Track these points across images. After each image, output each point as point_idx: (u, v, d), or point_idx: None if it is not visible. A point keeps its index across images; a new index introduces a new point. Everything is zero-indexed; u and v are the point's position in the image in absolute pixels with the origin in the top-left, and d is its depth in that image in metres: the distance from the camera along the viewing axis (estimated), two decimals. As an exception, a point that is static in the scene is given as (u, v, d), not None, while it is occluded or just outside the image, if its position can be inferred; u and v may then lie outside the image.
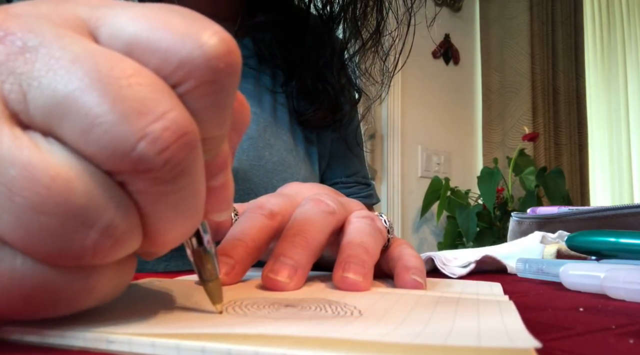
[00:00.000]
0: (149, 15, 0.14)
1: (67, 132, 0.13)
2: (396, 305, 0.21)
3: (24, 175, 0.12)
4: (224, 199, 0.17)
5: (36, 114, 0.13)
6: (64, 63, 0.13)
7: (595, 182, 2.89)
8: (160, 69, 0.13)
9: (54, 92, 0.12)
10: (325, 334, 0.14)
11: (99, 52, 0.13)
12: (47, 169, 0.12)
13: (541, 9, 2.58)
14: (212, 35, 0.14)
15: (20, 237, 0.13)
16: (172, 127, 0.13)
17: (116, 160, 0.12)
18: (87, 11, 0.15)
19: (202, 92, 0.14)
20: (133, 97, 0.12)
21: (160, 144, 0.12)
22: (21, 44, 0.13)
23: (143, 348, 0.14)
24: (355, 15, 0.56)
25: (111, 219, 0.13)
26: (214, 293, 0.18)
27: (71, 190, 0.12)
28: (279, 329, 0.15)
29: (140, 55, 0.14)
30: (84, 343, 0.15)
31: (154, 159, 0.12)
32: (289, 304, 0.21)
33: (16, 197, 0.12)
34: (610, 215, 0.54)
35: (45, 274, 0.13)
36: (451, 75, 2.54)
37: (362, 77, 0.59)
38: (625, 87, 2.96)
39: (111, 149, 0.12)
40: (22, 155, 0.12)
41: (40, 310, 0.14)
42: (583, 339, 0.17)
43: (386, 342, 0.13)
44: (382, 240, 0.32)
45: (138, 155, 0.12)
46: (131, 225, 0.14)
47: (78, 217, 0.13)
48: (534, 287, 0.34)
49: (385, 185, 2.24)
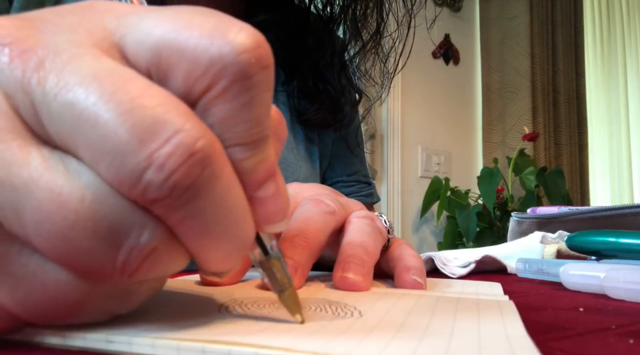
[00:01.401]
0: (174, 18, 0.14)
1: (82, 156, 0.13)
2: (396, 306, 0.21)
3: (52, 199, 0.12)
4: (278, 209, 0.15)
5: (52, 136, 0.13)
6: (70, 87, 0.12)
7: (595, 182, 2.89)
8: (191, 72, 0.13)
9: (63, 118, 0.12)
10: (325, 345, 0.14)
11: (108, 73, 0.13)
12: (74, 192, 0.12)
13: (541, 9, 2.58)
14: (239, 31, 0.13)
15: (55, 256, 0.13)
16: (178, 150, 0.12)
17: (126, 189, 0.12)
18: (112, 21, 0.14)
19: (236, 91, 0.13)
20: (137, 123, 0.12)
21: (165, 171, 0.12)
22: (37, 62, 0.13)
23: (143, 348, 0.14)
24: (356, 16, 0.56)
25: (138, 240, 0.13)
26: (290, 303, 0.17)
27: (98, 213, 0.12)
28: (279, 336, 0.15)
29: (168, 58, 0.13)
30: (84, 343, 0.15)
31: (160, 188, 0.12)
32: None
33: (45, 221, 0.12)
34: (610, 215, 0.54)
35: (86, 286, 0.14)
36: (451, 75, 2.54)
37: (362, 78, 0.59)
38: (625, 87, 2.96)
39: (120, 179, 0.12)
40: (50, 177, 0.12)
41: (77, 318, 0.15)
42: (583, 339, 0.17)
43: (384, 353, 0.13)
44: (382, 240, 0.32)
45: (144, 186, 0.12)
46: (162, 244, 0.13)
47: (106, 238, 0.13)
48: (534, 287, 0.34)
49: (385, 185, 2.24)
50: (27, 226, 0.12)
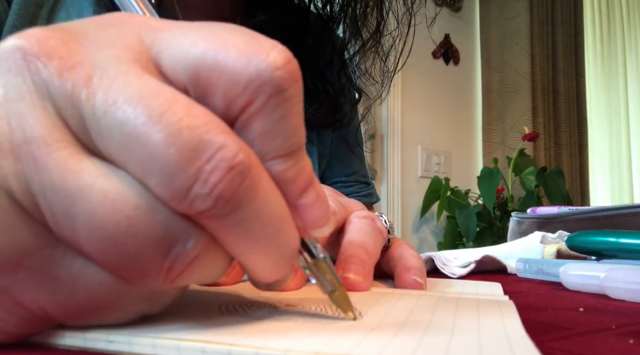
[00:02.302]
0: (209, 37, 0.14)
1: (131, 172, 0.13)
2: (396, 306, 0.21)
3: (106, 205, 0.13)
4: (322, 214, 0.16)
5: (101, 150, 0.13)
6: (119, 105, 0.13)
7: (595, 182, 2.89)
8: (230, 90, 0.14)
9: (112, 133, 0.13)
10: (325, 345, 0.14)
11: (153, 93, 0.13)
12: (129, 199, 0.13)
13: (541, 9, 2.58)
14: (271, 49, 0.14)
15: (104, 260, 0.13)
16: (220, 164, 0.13)
17: (175, 204, 0.13)
18: (149, 36, 0.15)
19: (273, 105, 0.14)
20: (184, 143, 0.13)
21: (209, 184, 0.13)
22: (85, 77, 0.13)
23: (143, 348, 0.14)
24: (355, 15, 0.55)
25: (184, 247, 0.13)
26: (341, 302, 0.18)
27: (150, 221, 0.13)
28: (279, 337, 0.15)
29: (208, 77, 0.14)
30: (84, 343, 0.15)
31: (205, 200, 0.13)
32: (289, 304, 0.20)
33: (97, 228, 0.13)
34: (610, 215, 0.54)
35: (125, 288, 0.14)
36: (451, 75, 2.54)
37: (362, 77, 0.59)
38: (625, 87, 2.96)
39: (169, 195, 0.13)
40: (104, 184, 0.13)
41: (110, 319, 0.15)
42: (583, 339, 0.17)
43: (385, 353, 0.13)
44: (382, 240, 0.32)
45: (192, 199, 0.13)
46: (205, 251, 0.14)
47: (154, 245, 0.13)
48: (534, 287, 0.34)
49: (385, 185, 2.24)
50: (79, 231, 0.13)
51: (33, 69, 0.13)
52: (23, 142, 0.13)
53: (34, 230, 0.13)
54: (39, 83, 0.13)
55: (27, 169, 0.13)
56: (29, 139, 0.13)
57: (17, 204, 0.13)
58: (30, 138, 0.13)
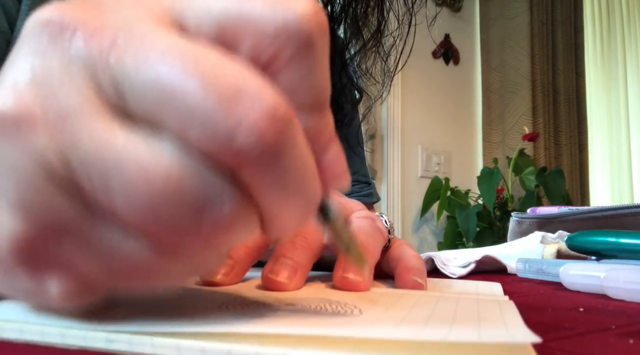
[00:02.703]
0: None
1: (169, 128, 0.13)
2: (396, 305, 0.21)
3: (140, 174, 0.13)
4: (342, 169, 0.16)
5: (136, 110, 0.13)
6: (151, 62, 0.13)
7: (595, 182, 2.89)
8: (258, 43, 0.14)
9: (147, 90, 0.13)
10: (326, 332, 0.14)
11: (185, 47, 0.13)
12: (161, 167, 0.13)
13: (541, 9, 2.58)
14: None
15: (142, 228, 0.13)
16: (265, 111, 0.13)
17: (219, 153, 0.13)
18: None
19: (301, 57, 0.14)
20: (223, 89, 0.12)
21: (256, 131, 0.12)
22: (111, 40, 0.13)
23: (143, 347, 0.14)
24: (356, 15, 0.55)
25: (221, 209, 0.13)
26: (356, 257, 0.19)
27: (184, 186, 0.13)
28: (279, 327, 0.15)
29: (233, 31, 0.14)
30: (84, 342, 0.15)
31: (253, 148, 0.13)
32: (289, 304, 0.21)
33: (134, 197, 0.13)
34: (610, 215, 0.54)
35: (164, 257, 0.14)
36: (451, 75, 2.54)
37: (363, 77, 0.59)
38: (625, 87, 2.96)
39: (213, 143, 0.13)
40: (138, 153, 0.13)
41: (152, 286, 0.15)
42: (583, 339, 0.17)
43: (387, 339, 0.13)
44: (382, 240, 0.32)
45: (238, 147, 0.13)
46: (242, 213, 0.14)
47: (191, 210, 0.13)
48: (534, 287, 0.34)
49: (385, 185, 2.24)
50: (116, 200, 0.13)
51: (59, 46, 0.13)
52: (57, 119, 0.13)
53: (73, 203, 0.14)
54: (66, 58, 0.13)
55: (63, 145, 0.13)
56: (62, 115, 0.13)
57: (56, 178, 0.13)
58: (64, 114, 0.13)
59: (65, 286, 0.15)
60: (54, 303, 0.15)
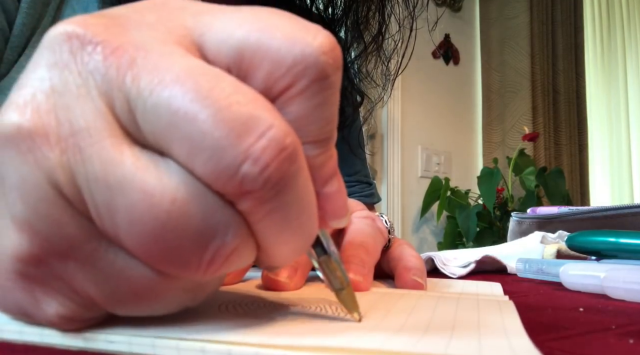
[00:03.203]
0: (253, 20, 0.14)
1: (176, 153, 0.13)
2: (396, 307, 0.21)
3: (144, 200, 0.13)
4: (342, 204, 0.16)
5: (146, 133, 0.13)
6: (165, 84, 0.13)
7: (595, 182, 2.89)
8: (273, 71, 0.14)
9: (158, 112, 0.13)
10: (325, 340, 0.14)
11: (200, 71, 0.13)
12: (166, 193, 0.13)
13: (541, 9, 2.58)
14: (317, 33, 0.14)
15: (144, 254, 0.13)
16: (272, 144, 0.13)
17: (222, 182, 0.13)
18: (189, 20, 0.15)
19: (314, 90, 0.14)
20: (233, 118, 0.12)
21: (261, 163, 0.12)
22: (129, 59, 0.13)
23: (143, 348, 0.14)
24: (357, 18, 0.55)
25: (223, 239, 0.13)
26: (348, 301, 0.18)
27: (188, 214, 0.13)
28: (279, 335, 0.15)
29: (251, 58, 0.14)
30: (84, 343, 0.15)
31: (256, 180, 0.13)
32: (289, 304, 0.20)
33: (136, 222, 0.13)
34: (610, 215, 0.54)
35: (167, 282, 0.14)
36: (451, 75, 2.54)
37: (364, 80, 0.59)
38: (625, 87, 2.96)
39: (217, 172, 0.13)
40: (143, 178, 0.13)
41: (154, 310, 0.15)
42: (583, 339, 0.17)
43: (385, 350, 0.13)
44: (382, 240, 0.32)
45: (241, 178, 0.13)
46: (242, 242, 0.14)
47: (194, 239, 0.13)
48: (534, 287, 0.34)
49: (385, 185, 2.24)
50: (119, 225, 0.13)
51: (78, 60, 0.14)
52: (69, 134, 0.13)
53: (79, 223, 0.14)
54: (85, 74, 0.13)
55: (72, 160, 0.13)
56: (74, 131, 0.13)
57: (63, 196, 0.13)
58: (76, 130, 0.13)
59: (62, 308, 0.15)
60: (49, 324, 0.15)
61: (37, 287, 0.15)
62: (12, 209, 0.14)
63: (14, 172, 0.13)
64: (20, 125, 0.13)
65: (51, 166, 0.13)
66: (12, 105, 0.14)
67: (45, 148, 0.13)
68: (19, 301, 0.15)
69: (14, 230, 0.14)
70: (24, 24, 0.39)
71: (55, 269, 0.14)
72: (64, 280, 0.14)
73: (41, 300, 0.15)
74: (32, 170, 0.13)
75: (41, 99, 0.13)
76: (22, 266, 0.14)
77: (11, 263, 0.14)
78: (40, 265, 0.14)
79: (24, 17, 0.39)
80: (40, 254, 0.14)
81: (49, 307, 0.15)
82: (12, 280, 0.14)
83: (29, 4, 0.39)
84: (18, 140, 0.13)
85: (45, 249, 0.14)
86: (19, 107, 0.13)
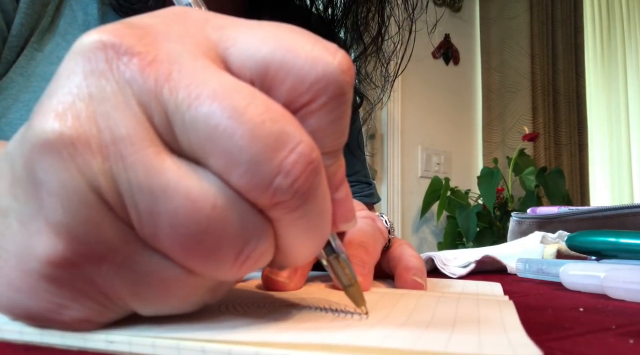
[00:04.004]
0: (277, 38, 0.15)
1: (213, 164, 0.14)
2: (397, 307, 0.21)
3: (187, 205, 0.13)
4: (350, 209, 0.17)
5: (183, 144, 0.14)
6: (203, 99, 0.13)
7: (595, 182, 2.89)
8: (296, 87, 0.15)
9: (197, 126, 0.13)
10: (326, 338, 0.14)
11: (234, 88, 0.14)
12: (208, 199, 0.13)
13: (541, 9, 2.58)
14: (336, 53, 0.15)
15: (183, 257, 0.14)
16: (301, 159, 0.14)
17: (257, 193, 0.14)
18: (215, 33, 0.15)
19: (332, 106, 0.15)
20: (268, 135, 0.13)
21: (292, 177, 0.13)
22: (166, 72, 0.14)
23: (143, 348, 0.14)
24: (357, 20, 0.55)
25: (255, 245, 0.14)
26: (356, 296, 0.19)
27: (226, 219, 0.14)
28: (280, 334, 0.15)
29: (275, 74, 0.15)
30: (84, 343, 0.15)
31: (287, 191, 0.14)
32: (289, 304, 0.21)
33: (179, 225, 0.13)
34: (610, 215, 0.54)
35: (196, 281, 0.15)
36: (451, 75, 2.54)
37: (363, 81, 0.59)
38: (625, 87, 2.96)
39: (253, 184, 0.14)
40: (186, 184, 0.13)
41: (179, 309, 0.16)
42: (583, 339, 0.17)
43: (385, 347, 0.13)
44: (382, 240, 0.32)
45: (274, 190, 0.14)
46: (268, 246, 0.15)
47: (230, 242, 0.14)
48: (534, 287, 0.34)
49: (385, 185, 2.24)
50: (161, 229, 0.14)
51: (115, 69, 0.14)
52: (111, 142, 0.13)
53: (118, 227, 0.14)
54: (122, 83, 0.14)
55: (115, 167, 0.13)
56: (116, 138, 0.13)
57: (104, 202, 0.14)
58: (117, 138, 0.13)
59: (84, 310, 0.15)
60: (65, 326, 0.15)
61: (63, 290, 0.15)
62: (50, 214, 0.14)
63: (55, 178, 0.14)
64: (62, 132, 0.13)
65: (93, 173, 0.13)
66: (50, 112, 0.14)
67: (88, 155, 0.13)
68: (38, 304, 0.15)
69: (49, 234, 0.14)
70: (23, 24, 0.39)
71: (87, 272, 0.14)
72: (94, 283, 0.15)
73: (65, 303, 0.15)
74: (73, 176, 0.13)
75: (81, 107, 0.14)
76: (52, 270, 0.14)
77: (39, 266, 0.14)
78: (72, 269, 0.14)
79: (22, 17, 0.39)
80: (75, 258, 0.14)
81: (72, 310, 0.15)
82: (36, 283, 0.15)
83: (27, 4, 0.39)
84: (60, 147, 0.13)
85: (80, 253, 0.14)
86: (58, 114, 0.14)
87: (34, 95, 0.39)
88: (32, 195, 0.14)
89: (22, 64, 0.40)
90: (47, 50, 0.41)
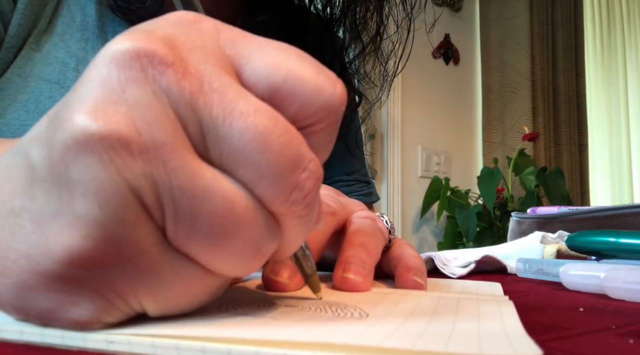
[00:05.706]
0: (288, 64, 0.16)
1: (241, 175, 0.15)
2: (397, 307, 0.21)
3: (225, 206, 0.15)
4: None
5: (213, 155, 0.15)
6: (237, 117, 0.14)
7: (595, 182, 2.89)
8: (302, 111, 0.16)
9: (230, 143, 0.15)
10: (325, 336, 0.14)
11: (260, 108, 0.15)
12: (241, 201, 0.15)
13: (541, 9, 2.58)
14: (336, 83, 0.17)
15: (208, 255, 0.15)
16: (312, 176, 0.16)
17: (277, 204, 0.15)
18: (229, 47, 0.16)
19: (328, 130, 0.17)
20: (290, 153, 0.15)
21: (305, 190, 0.16)
22: (199, 85, 0.15)
23: (143, 348, 0.14)
24: (356, 19, 0.55)
25: (271, 244, 0.16)
26: (314, 285, 0.22)
27: (254, 220, 0.15)
28: (279, 332, 0.15)
29: (284, 97, 0.16)
30: (84, 343, 0.15)
31: (300, 203, 0.16)
32: (289, 305, 0.21)
33: (217, 225, 0.15)
34: (610, 215, 0.54)
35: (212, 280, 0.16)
36: (451, 75, 2.54)
37: (362, 80, 0.59)
38: (625, 87, 2.96)
39: (275, 196, 0.15)
40: (223, 187, 0.15)
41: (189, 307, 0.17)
42: (583, 339, 0.17)
43: (385, 347, 0.13)
44: (383, 240, 0.32)
45: (291, 201, 0.15)
46: (276, 245, 0.17)
47: (254, 241, 0.16)
48: (534, 287, 0.34)
49: (385, 185, 2.24)
50: (199, 229, 0.15)
51: (151, 78, 0.14)
52: (152, 147, 0.14)
53: (150, 229, 0.15)
54: (158, 92, 0.14)
55: (156, 171, 0.14)
56: (157, 144, 0.14)
57: (142, 203, 0.14)
58: (158, 144, 0.14)
59: (91, 310, 0.15)
60: (69, 324, 0.15)
61: (77, 289, 0.15)
62: (82, 212, 0.14)
63: (93, 178, 0.14)
64: (102, 134, 0.14)
65: (134, 175, 0.14)
66: (88, 113, 0.14)
67: (127, 158, 0.14)
68: (45, 303, 0.15)
69: (76, 232, 0.14)
70: (20, 24, 0.39)
71: (109, 272, 0.15)
72: (112, 284, 0.15)
73: (75, 302, 0.15)
74: (113, 177, 0.14)
75: (119, 111, 0.14)
76: (69, 268, 0.14)
77: (54, 266, 0.14)
78: (92, 268, 0.15)
79: (20, 18, 0.39)
80: (100, 257, 0.14)
81: (82, 309, 0.15)
82: (50, 283, 0.15)
83: (25, 5, 0.39)
84: (99, 149, 0.14)
85: (109, 253, 0.14)
86: (97, 117, 0.14)
87: (32, 95, 0.39)
88: (58, 195, 0.14)
89: (19, 65, 0.40)
90: (45, 50, 0.41)
